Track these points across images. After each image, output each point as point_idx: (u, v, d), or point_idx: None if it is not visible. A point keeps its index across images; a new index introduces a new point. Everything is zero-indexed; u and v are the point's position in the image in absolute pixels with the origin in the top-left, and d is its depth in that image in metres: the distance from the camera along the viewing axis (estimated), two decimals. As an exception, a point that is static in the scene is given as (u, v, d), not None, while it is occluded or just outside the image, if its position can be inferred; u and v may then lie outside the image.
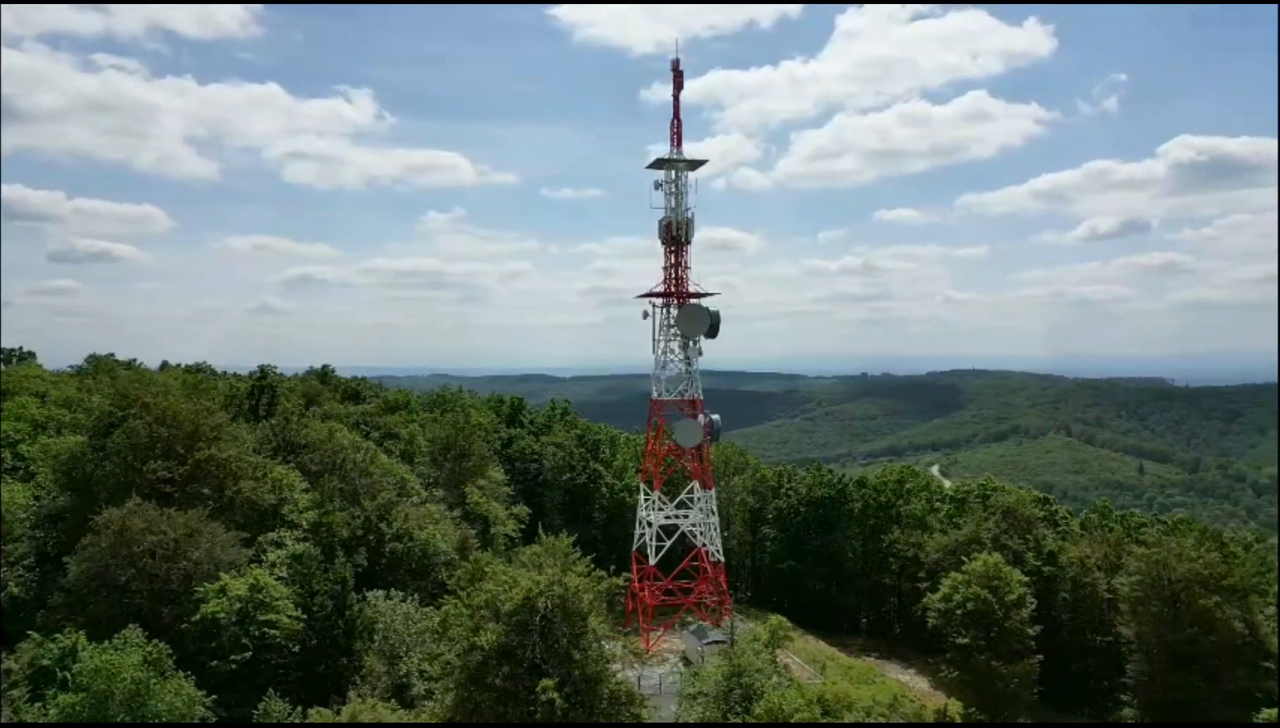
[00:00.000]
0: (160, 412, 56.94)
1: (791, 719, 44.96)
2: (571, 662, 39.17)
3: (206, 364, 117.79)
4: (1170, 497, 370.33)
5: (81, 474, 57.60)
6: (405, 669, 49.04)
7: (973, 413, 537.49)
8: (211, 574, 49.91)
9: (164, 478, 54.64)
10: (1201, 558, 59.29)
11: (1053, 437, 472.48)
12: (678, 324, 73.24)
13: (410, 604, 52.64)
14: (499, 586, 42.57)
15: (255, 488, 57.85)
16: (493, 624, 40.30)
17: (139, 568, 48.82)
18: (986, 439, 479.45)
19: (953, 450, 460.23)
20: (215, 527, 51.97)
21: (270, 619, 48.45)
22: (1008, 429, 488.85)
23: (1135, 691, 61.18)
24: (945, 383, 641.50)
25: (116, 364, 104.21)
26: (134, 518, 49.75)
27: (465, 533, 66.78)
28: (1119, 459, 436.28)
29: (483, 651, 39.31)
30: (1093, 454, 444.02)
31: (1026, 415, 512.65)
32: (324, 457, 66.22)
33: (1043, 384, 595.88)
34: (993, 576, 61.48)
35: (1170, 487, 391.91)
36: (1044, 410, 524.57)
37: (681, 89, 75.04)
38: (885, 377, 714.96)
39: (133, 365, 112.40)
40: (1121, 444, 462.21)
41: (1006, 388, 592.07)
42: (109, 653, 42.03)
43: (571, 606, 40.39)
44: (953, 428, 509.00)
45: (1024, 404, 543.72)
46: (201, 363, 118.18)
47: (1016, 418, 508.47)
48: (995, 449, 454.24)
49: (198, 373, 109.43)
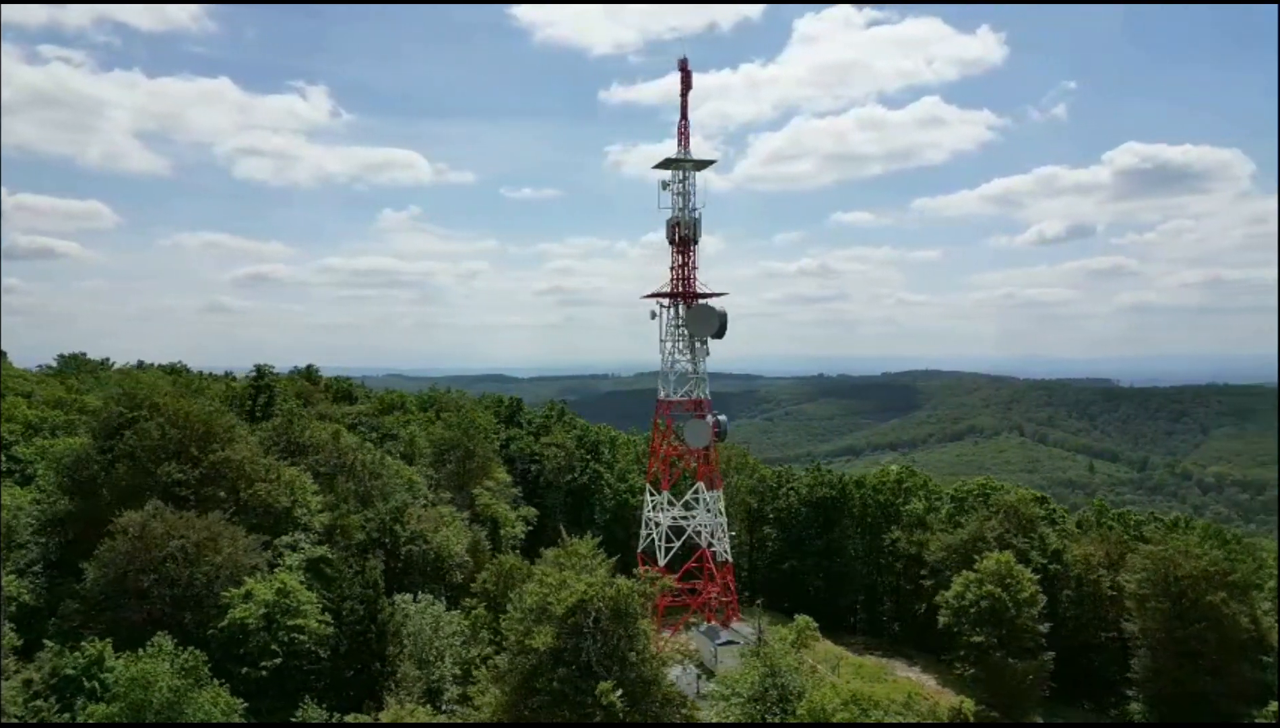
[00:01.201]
0: (172, 413, 55.36)
1: (833, 719, 45.19)
2: (627, 664, 38.91)
3: (183, 364, 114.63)
4: (1121, 495, 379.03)
5: (86, 477, 55.85)
6: (439, 674, 48.29)
7: (928, 413, 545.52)
8: (235, 579, 48.71)
9: (179, 480, 53.11)
10: (1207, 555, 60.77)
11: (1006, 436, 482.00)
12: (687, 324, 73.16)
13: (439, 607, 51.82)
14: (546, 588, 42.17)
15: (269, 490, 56.55)
16: (544, 627, 39.87)
17: (161, 573, 47.43)
18: (943, 439, 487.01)
19: (910, 450, 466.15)
20: (236, 530, 50.72)
21: (298, 625, 47.48)
22: (964, 429, 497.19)
23: (1141, 685, 62.39)
24: (901, 384, 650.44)
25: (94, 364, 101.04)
26: (155, 522, 48.36)
27: (477, 535, 66.01)
28: (1070, 458, 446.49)
29: (537, 653, 38.90)
30: (1045, 454, 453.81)
31: (981, 416, 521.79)
32: (331, 459, 65.00)
33: (995, 385, 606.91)
34: (1005, 574, 62.35)
35: (1121, 485, 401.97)
36: (997, 411, 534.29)
37: (690, 88, 75.13)
38: (841, 377, 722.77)
39: (107, 365, 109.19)
40: (1073, 444, 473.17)
41: (961, 388, 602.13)
42: (144, 661, 40.78)
43: (623, 607, 40.15)
44: (910, 428, 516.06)
45: (978, 405, 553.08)
46: (177, 363, 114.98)
47: (971, 418, 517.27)
48: (952, 449, 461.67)
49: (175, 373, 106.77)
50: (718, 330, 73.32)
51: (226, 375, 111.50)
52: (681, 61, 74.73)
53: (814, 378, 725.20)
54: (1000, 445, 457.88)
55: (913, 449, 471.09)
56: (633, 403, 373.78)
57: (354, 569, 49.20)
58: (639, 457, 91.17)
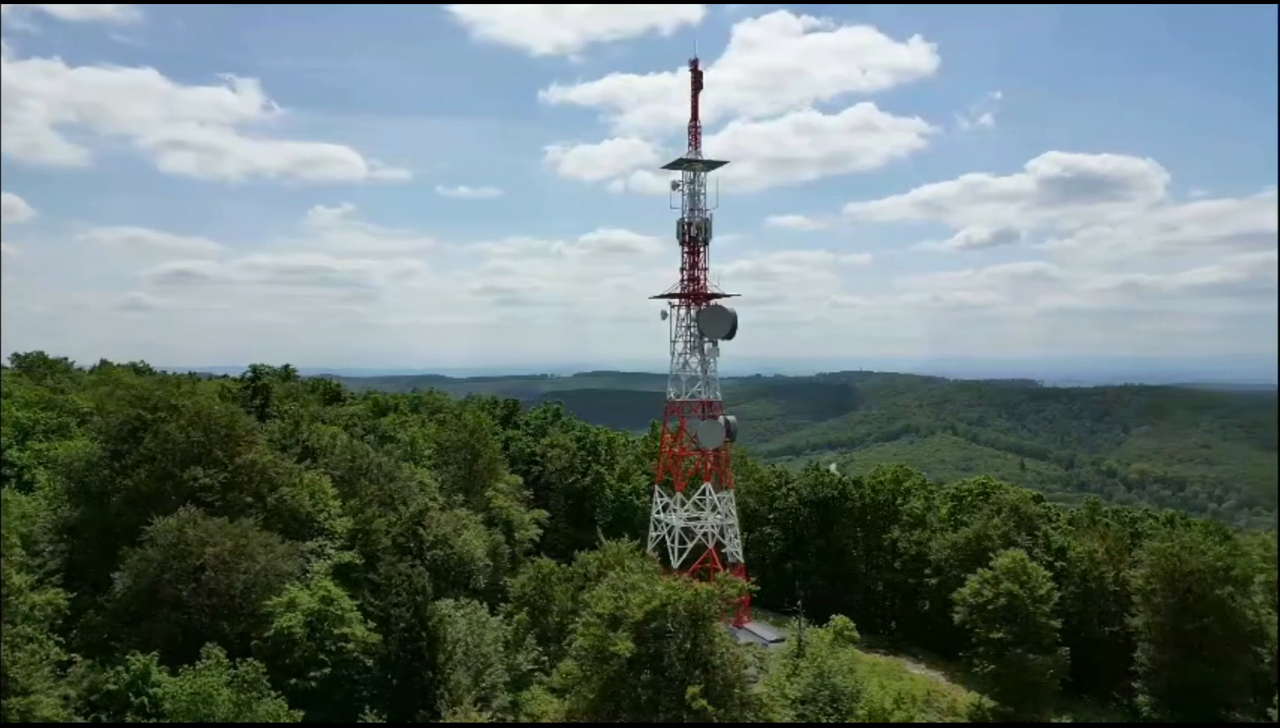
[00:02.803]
0: (194, 414, 53.05)
1: (891, 719, 45.65)
2: (711, 668, 38.64)
3: (144, 363, 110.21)
4: (1051, 492, 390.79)
5: (97, 483, 53.19)
6: (491, 681, 47.27)
7: (864, 413, 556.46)
8: (274, 586, 46.96)
9: (205, 485, 50.89)
10: (1211, 550, 63.07)
11: (941, 436, 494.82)
12: (700, 325, 73.15)
13: (484, 612, 50.78)
14: (615, 592, 41.66)
15: (293, 494, 54.66)
16: (622, 633, 39.32)
17: (199, 582, 45.43)
18: (880, 439, 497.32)
19: (849, 450, 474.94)
20: (272, 537, 48.90)
21: (344, 633, 46.02)
22: (899, 429, 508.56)
23: (1146, 678, 64.38)
24: (837, 384, 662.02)
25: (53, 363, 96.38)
26: (190, 528, 46.30)
27: (496, 539, 64.90)
28: (1002, 456, 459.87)
29: (619, 659, 38.33)
30: (978, 452, 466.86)
31: (916, 416, 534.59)
32: (345, 461, 63.15)
33: (927, 385, 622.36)
34: (1020, 571, 63.68)
35: (1050, 482, 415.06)
36: (930, 411, 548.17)
37: (701, 88, 75.11)
38: (778, 378, 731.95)
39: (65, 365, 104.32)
40: (1003, 442, 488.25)
41: (894, 389, 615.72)
42: (204, 675, 39.01)
43: (701, 611, 39.87)
44: (847, 428, 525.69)
45: (912, 405, 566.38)
46: (139, 361, 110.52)
47: (906, 418, 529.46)
48: (889, 448, 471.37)
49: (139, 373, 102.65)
50: (729, 332, 73.59)
51: (191, 376, 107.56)
52: (693, 62, 74.72)
53: (751, 378, 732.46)
54: (936, 444, 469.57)
55: (852, 449, 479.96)
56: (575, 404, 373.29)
57: (401, 575, 47.78)
58: (639, 458, 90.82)
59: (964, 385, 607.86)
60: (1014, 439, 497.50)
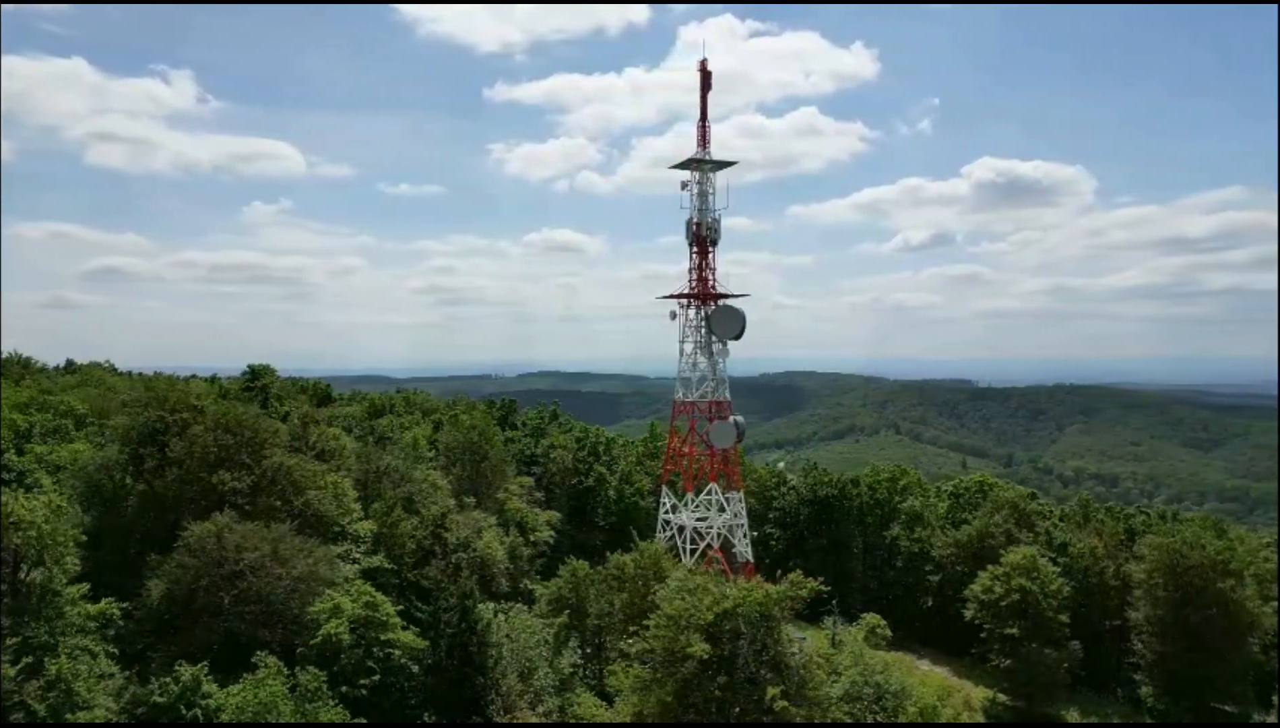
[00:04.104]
0: (219, 416, 51.27)
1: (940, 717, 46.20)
2: (788, 668, 38.67)
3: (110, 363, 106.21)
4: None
5: (114, 488, 51.11)
6: (539, 685, 46.62)
7: (810, 413, 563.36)
8: (315, 592, 45.64)
9: (235, 490, 49.19)
10: (1212, 544, 65.35)
11: (885, 434, 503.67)
12: (712, 325, 73.20)
13: (527, 616, 50.07)
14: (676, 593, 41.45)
15: (320, 498, 53.21)
16: (693, 635, 39.07)
17: (241, 589, 43.89)
18: (827, 437, 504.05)
19: (797, 449, 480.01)
20: (309, 542, 47.50)
21: (391, 639, 44.95)
22: (845, 428, 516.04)
23: (1148, 669, 66.46)
24: (781, 384, 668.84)
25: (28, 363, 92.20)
26: (228, 534, 44.72)
27: (514, 541, 64.06)
28: (944, 455, 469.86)
29: (693, 661, 38.09)
30: (921, 450, 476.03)
31: (860, 415, 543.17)
32: (363, 464, 61.73)
33: (870, 385, 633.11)
34: (1031, 567, 65.15)
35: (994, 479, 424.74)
36: (874, 410, 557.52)
37: (710, 89, 75.08)
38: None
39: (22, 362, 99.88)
40: (945, 441, 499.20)
41: (838, 388, 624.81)
42: (266, 685, 37.66)
43: (770, 612, 39.84)
44: (794, 426, 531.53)
45: (856, 404, 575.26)
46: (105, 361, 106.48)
47: (851, 417, 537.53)
48: (836, 447, 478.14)
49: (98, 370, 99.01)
50: (740, 332, 73.80)
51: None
52: (701, 63, 74.66)
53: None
54: (881, 443, 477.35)
55: (799, 448, 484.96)
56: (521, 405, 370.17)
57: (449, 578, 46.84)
58: (639, 459, 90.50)
59: (905, 385, 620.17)
60: (955, 438, 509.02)
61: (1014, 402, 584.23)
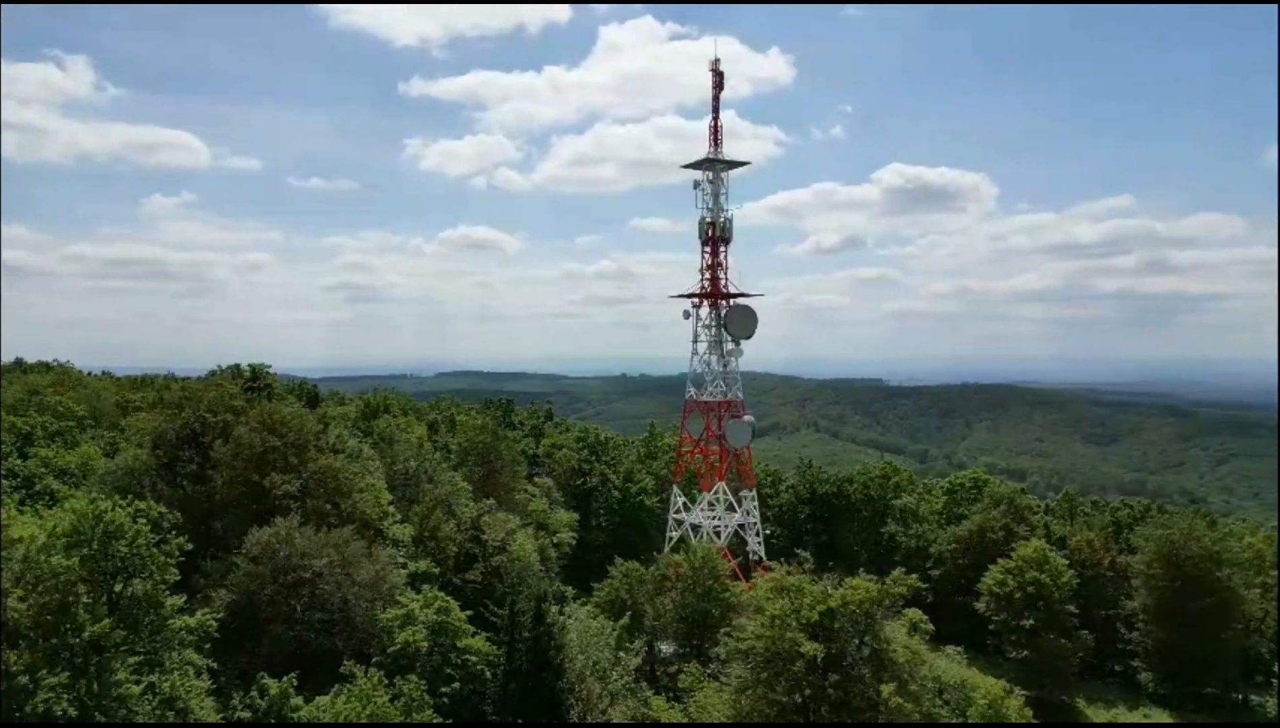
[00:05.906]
0: (263, 417, 48.87)
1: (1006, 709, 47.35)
2: (895, 665, 39.09)
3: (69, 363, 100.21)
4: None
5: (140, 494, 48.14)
6: (615, 687, 45.90)
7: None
8: (382, 597, 44.08)
9: (288, 493, 46.98)
10: (1207, 535, 68.73)
11: (805, 432, 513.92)
12: (728, 324, 73.41)
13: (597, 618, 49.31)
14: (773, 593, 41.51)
15: (364, 500, 51.36)
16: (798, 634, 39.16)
17: (311, 596, 42.01)
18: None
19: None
20: (377, 546, 45.83)
21: (467, 645, 43.78)
22: (767, 426, 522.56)
23: (1148, 656, 69.49)
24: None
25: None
26: (296, 539, 42.75)
27: (543, 541, 63.00)
28: (863, 452, 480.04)
29: (803, 660, 38.18)
30: (841, 448, 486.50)
31: (780, 413, 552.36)
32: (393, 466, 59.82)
33: (788, 384, 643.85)
34: (1041, 560, 67.32)
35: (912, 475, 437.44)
36: (793, 408, 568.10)
37: (722, 89, 75.27)
38: (643, 377, 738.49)
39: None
40: (863, 438, 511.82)
41: (758, 388, 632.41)
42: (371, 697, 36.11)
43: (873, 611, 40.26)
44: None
45: (775, 403, 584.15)
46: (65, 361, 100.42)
47: (772, 416, 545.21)
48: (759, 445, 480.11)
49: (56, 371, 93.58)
50: (753, 331, 74.23)
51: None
52: (713, 63, 74.80)
53: (617, 377, 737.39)
54: (802, 440, 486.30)
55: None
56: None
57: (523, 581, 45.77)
58: (641, 458, 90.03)
59: (822, 384, 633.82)
60: (871, 435, 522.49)
61: (925, 400, 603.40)
